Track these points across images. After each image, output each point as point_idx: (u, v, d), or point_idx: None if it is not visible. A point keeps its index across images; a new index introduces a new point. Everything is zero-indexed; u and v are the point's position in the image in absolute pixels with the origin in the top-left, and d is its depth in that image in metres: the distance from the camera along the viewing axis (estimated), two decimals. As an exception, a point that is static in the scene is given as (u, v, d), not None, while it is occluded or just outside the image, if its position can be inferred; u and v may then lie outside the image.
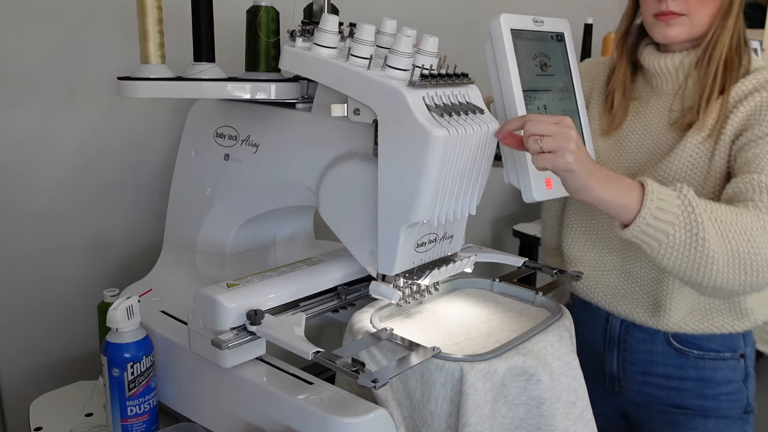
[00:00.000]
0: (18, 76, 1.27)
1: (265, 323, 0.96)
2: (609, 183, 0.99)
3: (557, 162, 0.95)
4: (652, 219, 0.98)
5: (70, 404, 1.16)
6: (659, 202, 0.99)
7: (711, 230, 0.98)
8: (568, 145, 0.95)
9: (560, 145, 0.95)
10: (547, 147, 0.95)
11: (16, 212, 1.31)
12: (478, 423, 0.91)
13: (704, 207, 1.00)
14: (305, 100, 1.08)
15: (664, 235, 0.99)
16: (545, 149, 0.95)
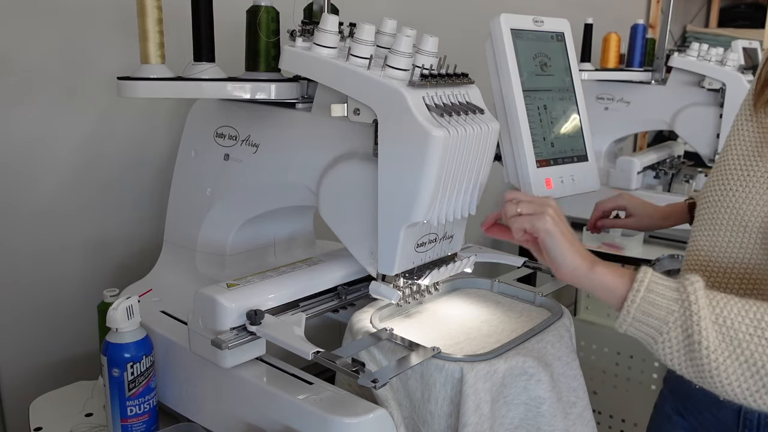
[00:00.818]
0: (18, 76, 1.27)
1: (265, 323, 0.96)
2: (593, 261, 0.88)
3: (536, 222, 0.89)
4: (639, 312, 0.83)
5: (70, 404, 1.16)
6: (648, 293, 0.82)
7: (712, 333, 0.79)
8: (548, 209, 0.90)
9: (539, 210, 0.90)
10: (526, 210, 0.91)
11: (16, 212, 1.31)
12: (478, 423, 0.91)
13: (708, 303, 0.80)
14: (305, 100, 1.08)
15: (657, 333, 0.82)
16: (523, 212, 0.91)
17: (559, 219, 0.90)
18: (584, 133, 1.17)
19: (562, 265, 0.88)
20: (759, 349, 0.77)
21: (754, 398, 0.79)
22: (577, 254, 0.88)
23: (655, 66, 2.20)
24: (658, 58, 2.19)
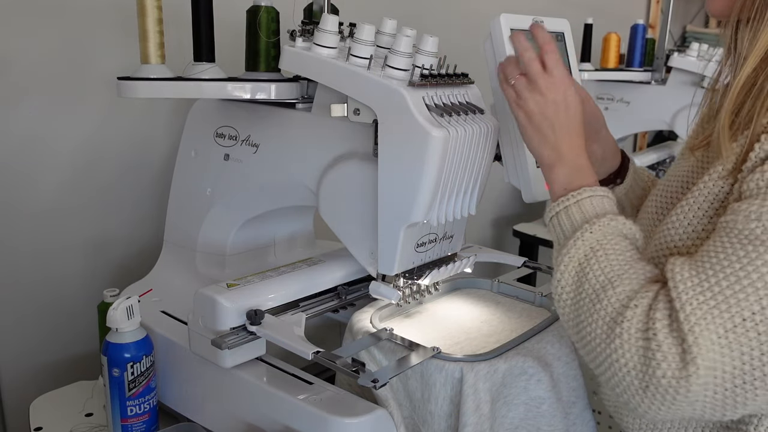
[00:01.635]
0: (18, 76, 1.27)
1: (265, 323, 0.96)
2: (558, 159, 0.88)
3: (514, 108, 0.90)
4: (548, 221, 0.87)
5: (70, 404, 1.16)
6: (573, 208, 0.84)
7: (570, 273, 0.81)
8: (530, 99, 0.88)
9: (522, 93, 0.89)
10: (517, 86, 0.90)
11: (16, 212, 1.31)
12: (479, 423, 0.91)
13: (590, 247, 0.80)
14: (305, 100, 1.08)
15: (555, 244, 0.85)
16: (516, 89, 0.90)
17: (542, 111, 0.87)
18: (584, 133, 1.17)
19: (532, 154, 0.90)
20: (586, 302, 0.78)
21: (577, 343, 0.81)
22: (545, 149, 0.88)
23: (655, 66, 2.20)
24: (658, 58, 2.19)
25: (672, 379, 0.70)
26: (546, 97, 0.88)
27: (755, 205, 0.72)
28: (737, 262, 0.71)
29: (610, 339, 0.74)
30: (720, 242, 0.74)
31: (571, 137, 0.88)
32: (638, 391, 0.73)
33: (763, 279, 0.69)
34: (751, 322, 0.69)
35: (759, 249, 0.70)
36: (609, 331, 0.74)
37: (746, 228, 0.71)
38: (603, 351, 0.75)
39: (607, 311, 0.75)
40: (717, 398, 0.71)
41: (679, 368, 0.70)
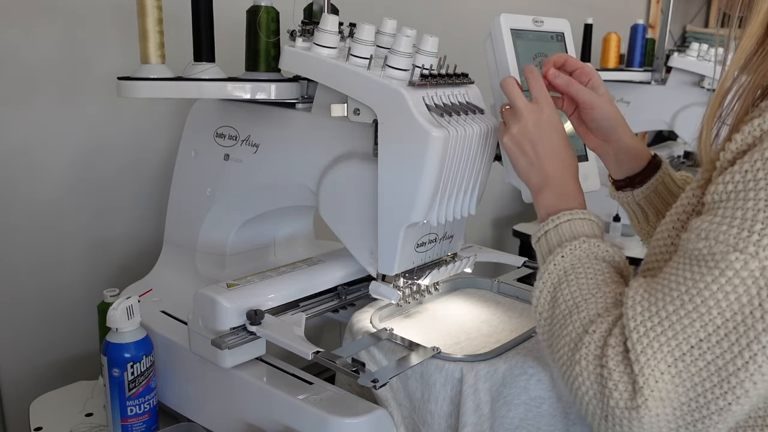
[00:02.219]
0: (18, 76, 1.27)
1: (265, 323, 0.96)
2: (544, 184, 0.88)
3: (500, 135, 0.92)
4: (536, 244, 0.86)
5: (70, 404, 1.16)
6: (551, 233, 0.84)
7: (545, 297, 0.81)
8: (513, 126, 0.89)
9: (508, 122, 0.91)
10: (504, 118, 0.92)
11: (16, 212, 1.31)
12: (478, 423, 0.91)
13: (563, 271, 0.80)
14: (305, 100, 1.08)
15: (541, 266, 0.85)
16: (503, 119, 0.92)
17: (523, 135, 0.88)
18: (584, 133, 1.17)
19: (522, 179, 0.91)
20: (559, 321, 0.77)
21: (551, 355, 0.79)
22: (531, 174, 0.89)
23: (655, 66, 2.21)
24: (658, 58, 2.19)
25: (625, 410, 0.68)
26: (527, 120, 0.88)
27: (706, 222, 0.67)
28: (683, 285, 0.67)
29: (572, 365, 0.73)
30: (674, 264, 0.70)
31: (556, 160, 0.88)
32: (601, 420, 0.71)
33: (706, 303, 0.65)
34: (698, 350, 0.66)
35: (702, 270, 0.66)
36: (571, 357, 0.74)
37: (695, 248, 0.67)
38: (569, 376, 0.74)
39: (571, 336, 0.75)
40: (680, 430, 0.68)
41: (629, 399, 0.68)
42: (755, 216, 0.63)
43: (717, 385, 0.65)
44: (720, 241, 0.65)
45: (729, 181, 0.67)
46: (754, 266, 0.63)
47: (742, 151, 0.68)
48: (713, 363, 0.65)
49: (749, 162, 0.66)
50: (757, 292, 0.63)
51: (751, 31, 0.72)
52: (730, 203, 0.66)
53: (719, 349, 0.65)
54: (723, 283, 0.64)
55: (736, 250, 0.64)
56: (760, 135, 0.66)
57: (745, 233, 0.64)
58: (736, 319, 0.64)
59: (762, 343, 0.63)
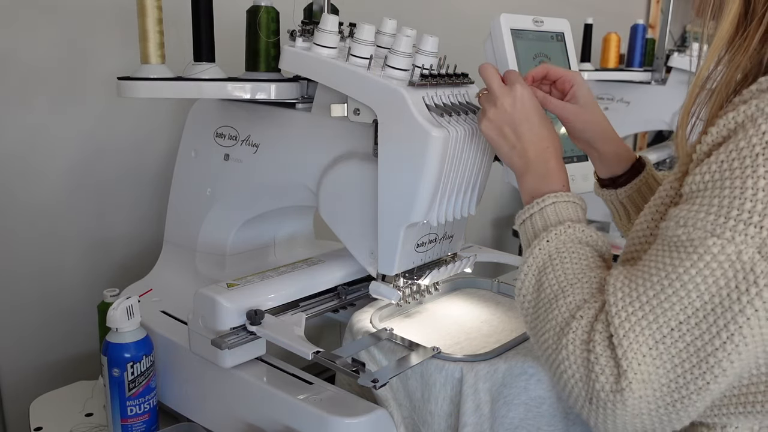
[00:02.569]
0: (18, 76, 1.27)
1: (265, 323, 0.96)
2: (526, 166, 0.88)
3: (479, 121, 0.91)
4: (521, 227, 0.87)
5: (70, 404, 1.16)
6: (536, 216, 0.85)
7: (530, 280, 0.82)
8: (489, 109, 0.89)
9: (484, 106, 0.90)
10: (480, 102, 0.92)
11: (16, 212, 1.31)
12: (478, 423, 0.91)
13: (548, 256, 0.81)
14: (305, 100, 1.08)
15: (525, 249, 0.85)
16: (480, 104, 0.92)
17: (500, 118, 0.88)
18: (584, 133, 1.17)
19: (506, 163, 0.90)
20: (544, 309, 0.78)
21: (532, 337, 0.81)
22: (514, 158, 0.88)
23: (655, 66, 2.20)
24: (658, 58, 2.19)
25: (610, 393, 0.70)
26: (503, 102, 0.88)
27: (684, 210, 0.70)
28: (663, 270, 0.69)
29: (558, 350, 0.74)
30: (653, 250, 0.73)
31: (536, 139, 0.88)
32: (585, 403, 0.73)
33: (686, 287, 0.67)
34: (678, 332, 0.68)
35: (681, 255, 0.68)
36: (557, 341, 0.75)
37: (674, 234, 0.70)
38: (554, 360, 0.75)
39: (557, 320, 0.76)
40: (660, 411, 0.70)
41: (614, 382, 0.70)
42: (731, 203, 0.66)
43: (696, 365, 0.68)
44: (698, 227, 0.68)
45: (706, 172, 0.70)
46: (731, 250, 0.65)
47: (718, 143, 0.71)
48: (692, 344, 0.68)
49: (725, 153, 0.68)
50: (734, 275, 0.66)
51: (721, 33, 0.74)
52: (707, 192, 0.69)
53: (698, 330, 0.67)
54: (701, 267, 0.67)
55: (713, 235, 0.66)
56: (735, 127, 0.69)
57: (721, 219, 0.66)
58: (714, 301, 0.67)
59: (738, 323, 0.66)
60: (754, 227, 0.65)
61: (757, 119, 0.67)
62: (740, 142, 0.68)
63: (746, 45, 0.73)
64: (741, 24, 0.74)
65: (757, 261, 0.65)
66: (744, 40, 0.74)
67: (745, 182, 0.66)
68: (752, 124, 0.67)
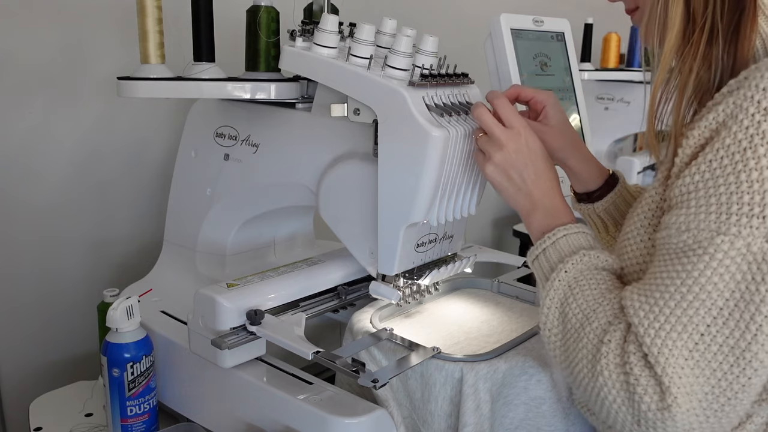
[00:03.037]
0: (18, 76, 1.27)
1: (265, 323, 0.96)
2: (533, 206, 0.89)
3: (482, 166, 0.91)
4: (534, 263, 0.88)
5: (70, 404, 1.16)
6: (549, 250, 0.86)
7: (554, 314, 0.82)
8: (495, 154, 0.89)
9: (488, 151, 0.90)
10: (481, 147, 0.91)
11: (16, 212, 1.31)
12: (478, 423, 0.91)
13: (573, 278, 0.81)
14: (305, 100, 1.08)
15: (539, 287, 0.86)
16: (480, 149, 0.92)
17: (506, 162, 0.88)
18: (584, 133, 1.17)
19: (509, 204, 0.91)
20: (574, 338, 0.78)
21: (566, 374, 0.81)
22: (519, 199, 0.89)
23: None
24: (658, 58, 2.19)
25: (657, 411, 0.70)
26: (508, 148, 0.88)
27: (682, 216, 0.71)
28: (677, 278, 0.70)
29: (595, 377, 0.75)
30: (661, 262, 0.74)
31: (541, 181, 0.89)
32: (634, 426, 0.73)
33: (705, 289, 0.68)
34: (709, 336, 0.69)
35: (693, 259, 0.69)
36: (592, 369, 0.75)
37: (679, 241, 0.71)
38: (593, 389, 0.75)
39: (587, 349, 0.76)
40: (711, 420, 0.70)
41: (659, 400, 0.70)
42: (729, 199, 0.68)
43: (734, 364, 0.68)
44: (702, 228, 0.69)
45: (695, 173, 0.71)
46: (740, 245, 0.67)
47: (701, 145, 0.73)
48: (725, 344, 0.68)
49: (712, 152, 0.70)
50: (748, 268, 0.67)
51: (669, 45, 0.78)
52: (701, 192, 0.70)
53: (727, 329, 0.68)
54: (715, 267, 0.68)
55: (720, 233, 0.68)
56: (716, 127, 0.71)
57: (724, 216, 0.68)
58: (735, 297, 0.68)
59: (764, 313, 0.67)
60: (757, 218, 0.66)
61: (737, 116, 0.69)
62: (725, 139, 0.69)
63: (693, 51, 0.77)
64: (686, 35, 0.77)
65: (767, 250, 0.66)
66: (691, 48, 0.77)
67: (738, 177, 0.68)
68: (734, 121, 0.69)
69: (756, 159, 0.67)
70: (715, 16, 0.75)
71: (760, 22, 0.75)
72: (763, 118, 0.68)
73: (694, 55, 0.77)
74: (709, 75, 0.77)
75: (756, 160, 0.67)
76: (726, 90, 0.73)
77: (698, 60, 0.76)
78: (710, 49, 0.76)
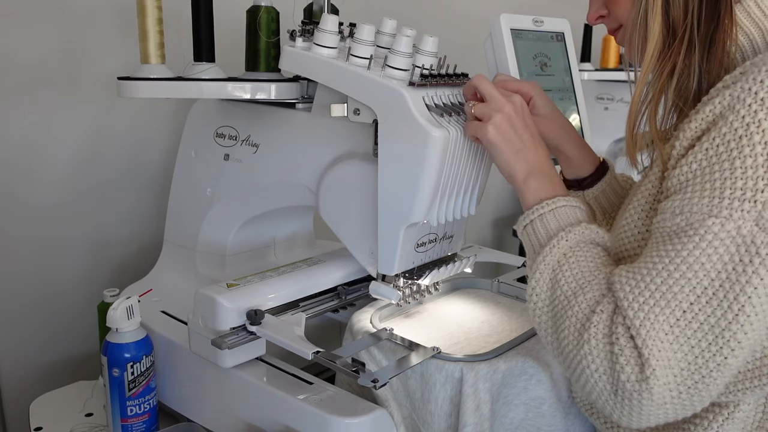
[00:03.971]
0: (19, 76, 1.27)
1: (265, 323, 0.96)
2: (530, 172, 0.88)
3: (479, 131, 0.89)
4: (522, 229, 0.88)
5: (70, 404, 1.16)
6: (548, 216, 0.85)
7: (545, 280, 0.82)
8: (495, 115, 0.88)
9: (488, 113, 0.88)
10: (477, 113, 0.90)
11: (16, 212, 1.31)
12: (478, 423, 0.91)
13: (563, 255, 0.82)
14: (305, 100, 1.08)
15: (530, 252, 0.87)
16: (476, 115, 0.90)
17: (507, 123, 0.88)
18: (584, 133, 1.17)
19: (501, 171, 0.90)
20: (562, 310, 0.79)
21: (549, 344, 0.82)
22: (518, 162, 0.88)
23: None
24: (658, 58, 2.19)
25: (635, 383, 0.71)
26: (508, 109, 0.88)
27: (677, 201, 0.73)
28: (666, 257, 0.72)
29: (580, 344, 0.76)
30: (653, 243, 0.76)
31: (540, 147, 0.90)
32: (610, 396, 0.74)
33: (692, 268, 0.70)
34: (690, 313, 0.70)
35: (683, 240, 0.71)
36: (579, 337, 0.76)
37: (672, 224, 0.73)
38: (575, 357, 0.76)
39: (577, 317, 0.77)
40: (683, 396, 0.72)
41: (638, 372, 0.71)
42: (723, 184, 0.70)
43: (713, 342, 0.70)
44: (695, 211, 0.71)
45: (692, 161, 0.74)
46: (730, 227, 0.69)
47: (698, 136, 0.75)
48: (706, 322, 0.70)
49: (708, 142, 0.73)
50: (736, 250, 0.69)
51: (649, 53, 0.81)
52: (698, 179, 0.73)
53: (710, 308, 0.70)
54: (704, 248, 0.70)
55: (711, 216, 0.70)
56: (713, 119, 0.73)
57: (716, 200, 0.70)
58: (721, 277, 0.70)
59: (747, 294, 0.69)
60: (748, 202, 0.68)
61: (734, 106, 0.71)
62: (722, 128, 0.72)
63: (673, 60, 0.80)
64: (665, 45, 0.81)
65: (756, 233, 0.68)
66: (671, 57, 0.80)
67: (733, 163, 0.70)
68: (731, 111, 0.72)
69: (751, 146, 0.69)
70: (693, 25, 0.78)
71: (739, 34, 0.79)
72: (759, 107, 0.70)
73: (673, 63, 0.80)
74: (688, 82, 0.80)
75: (751, 147, 0.69)
76: (721, 85, 0.75)
77: (678, 68, 0.79)
78: (690, 57, 0.79)
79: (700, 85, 0.79)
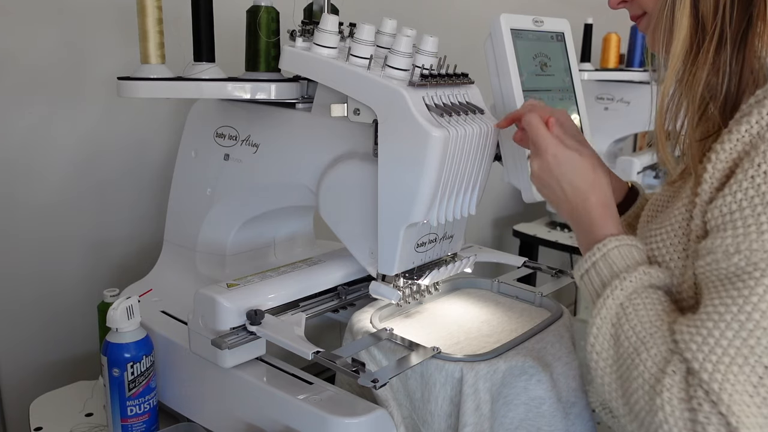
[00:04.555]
0: (19, 76, 1.27)
1: (265, 323, 0.96)
2: (576, 211, 0.84)
3: (531, 163, 0.87)
4: (579, 280, 0.81)
5: (70, 404, 1.16)
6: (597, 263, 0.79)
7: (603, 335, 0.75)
8: (534, 161, 0.86)
9: (533, 154, 0.87)
10: (531, 150, 0.88)
11: (16, 212, 1.31)
12: (478, 423, 0.91)
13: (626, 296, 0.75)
14: (305, 100, 1.08)
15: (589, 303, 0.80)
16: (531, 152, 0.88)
17: (545, 171, 0.85)
18: (584, 133, 1.17)
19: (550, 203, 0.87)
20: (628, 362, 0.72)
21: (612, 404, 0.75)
22: (562, 211, 0.86)
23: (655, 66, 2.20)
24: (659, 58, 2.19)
25: None
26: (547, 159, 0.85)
27: (728, 238, 0.66)
28: (733, 305, 0.64)
29: (654, 411, 0.68)
30: (711, 289, 0.68)
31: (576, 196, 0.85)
32: None
33: (766, 315, 0.62)
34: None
35: (749, 283, 0.63)
36: (650, 401, 0.68)
37: (730, 265, 0.65)
38: (650, 424, 0.69)
39: (644, 378, 0.69)
40: None
41: None
42: None
43: None
44: (755, 249, 0.63)
45: (737, 191, 0.66)
46: None
47: (733, 159, 0.68)
48: None
49: (753, 168, 0.65)
50: None
51: (675, 52, 0.76)
52: (747, 211, 0.65)
53: None
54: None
55: None
56: (750, 140, 0.67)
57: None
58: None
59: None
60: None
61: None
62: (766, 153, 0.65)
63: (703, 58, 0.74)
64: (693, 42, 0.75)
65: None
66: (700, 55, 0.74)
67: None
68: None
69: None
70: (724, 22, 0.72)
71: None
72: None
73: (703, 61, 0.74)
74: (717, 81, 0.74)
75: None
76: (754, 100, 0.69)
77: (707, 67, 0.74)
78: (719, 55, 0.73)
79: (730, 87, 0.73)
